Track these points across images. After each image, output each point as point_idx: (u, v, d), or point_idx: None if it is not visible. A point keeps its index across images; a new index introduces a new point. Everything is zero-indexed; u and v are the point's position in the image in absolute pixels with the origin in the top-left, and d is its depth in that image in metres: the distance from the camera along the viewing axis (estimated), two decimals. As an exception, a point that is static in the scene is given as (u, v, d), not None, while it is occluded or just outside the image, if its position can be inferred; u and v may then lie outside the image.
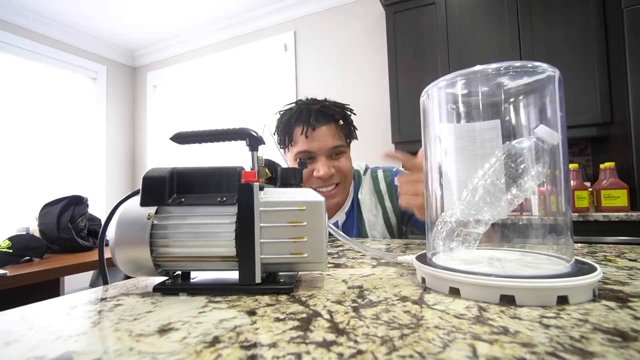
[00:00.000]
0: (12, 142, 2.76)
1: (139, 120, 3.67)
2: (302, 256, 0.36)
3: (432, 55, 2.06)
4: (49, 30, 2.98)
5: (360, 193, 0.97)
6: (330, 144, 0.86)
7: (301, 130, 0.85)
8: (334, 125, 0.88)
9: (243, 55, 3.04)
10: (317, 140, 0.85)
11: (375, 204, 0.95)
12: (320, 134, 0.85)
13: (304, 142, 0.86)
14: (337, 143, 0.87)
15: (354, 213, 0.95)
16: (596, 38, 1.72)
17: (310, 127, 0.84)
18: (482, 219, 0.38)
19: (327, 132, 0.86)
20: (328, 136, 0.86)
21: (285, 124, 0.90)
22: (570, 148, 2.00)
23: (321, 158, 0.86)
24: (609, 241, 1.43)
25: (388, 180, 0.96)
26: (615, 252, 0.53)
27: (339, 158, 0.89)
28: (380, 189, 0.96)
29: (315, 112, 0.86)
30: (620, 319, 0.25)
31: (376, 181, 0.98)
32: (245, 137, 0.40)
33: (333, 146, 0.86)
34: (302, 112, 0.87)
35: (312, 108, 0.87)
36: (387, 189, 0.96)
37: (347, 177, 0.91)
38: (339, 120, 0.88)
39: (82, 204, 1.60)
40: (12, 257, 1.25)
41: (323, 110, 0.88)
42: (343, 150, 0.90)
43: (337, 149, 0.88)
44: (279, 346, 0.22)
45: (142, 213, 0.37)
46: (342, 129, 0.90)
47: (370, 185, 0.98)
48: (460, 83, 0.39)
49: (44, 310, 0.32)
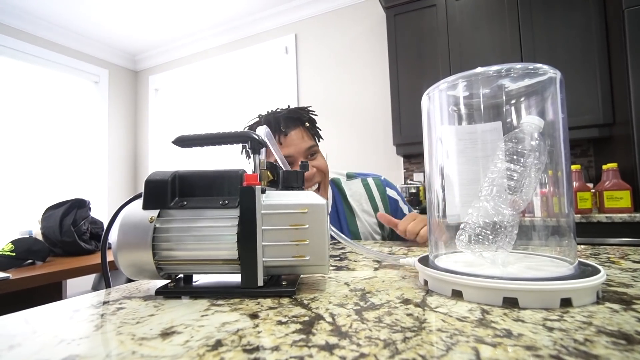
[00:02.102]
0: (15, 145, 2.78)
1: (141, 123, 3.69)
2: (304, 259, 0.36)
3: (433, 57, 2.06)
4: (51, 34, 3.00)
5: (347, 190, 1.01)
6: (304, 146, 0.89)
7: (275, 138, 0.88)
8: (302, 128, 0.92)
9: (244, 59, 3.05)
10: (292, 145, 0.88)
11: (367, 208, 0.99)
12: (293, 138, 0.89)
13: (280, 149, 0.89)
14: (310, 143, 0.91)
15: (339, 217, 0.98)
16: (597, 39, 1.72)
17: (283, 133, 0.88)
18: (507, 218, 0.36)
19: (298, 135, 0.90)
20: (300, 139, 0.89)
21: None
22: (572, 149, 2.00)
23: (300, 160, 0.88)
24: (612, 243, 1.42)
25: (381, 189, 1.01)
26: (618, 254, 0.52)
27: (315, 157, 0.93)
28: (374, 195, 1.00)
29: (284, 119, 0.90)
30: (625, 322, 0.25)
31: (368, 187, 1.02)
32: (247, 141, 0.40)
33: (307, 147, 0.90)
34: (271, 122, 0.90)
35: (279, 116, 0.90)
36: (380, 196, 1.00)
37: (326, 176, 0.95)
38: (305, 122, 0.92)
39: (85, 207, 1.60)
40: (15, 261, 1.26)
41: (289, 115, 0.91)
42: (316, 150, 0.94)
43: (311, 149, 0.91)
44: (281, 349, 0.22)
45: (144, 216, 0.37)
46: (309, 130, 0.94)
47: (360, 188, 1.02)
48: (461, 85, 0.39)
49: (47, 313, 0.32)
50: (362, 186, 1.02)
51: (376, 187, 1.01)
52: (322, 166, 0.92)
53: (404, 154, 2.29)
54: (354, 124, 2.52)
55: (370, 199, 0.99)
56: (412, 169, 2.39)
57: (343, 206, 0.99)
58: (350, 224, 0.98)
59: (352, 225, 0.98)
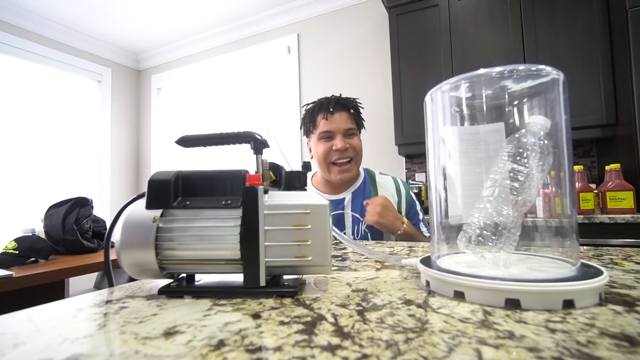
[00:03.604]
0: (18, 144, 2.79)
1: (144, 122, 3.70)
2: (307, 259, 0.36)
3: (436, 58, 2.05)
4: (54, 33, 3.01)
5: (379, 178, 1.15)
6: (345, 126, 1.06)
7: (322, 115, 1.07)
8: (347, 113, 1.08)
9: (247, 58, 3.05)
10: (334, 123, 1.06)
11: (393, 197, 1.11)
12: (337, 118, 1.06)
13: (325, 124, 1.06)
14: (350, 126, 1.08)
15: (364, 194, 1.11)
16: (600, 39, 1.71)
17: (329, 112, 1.06)
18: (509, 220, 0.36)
19: (342, 117, 1.07)
20: (343, 120, 1.07)
21: (310, 113, 1.12)
22: (575, 150, 1.99)
23: (338, 136, 1.06)
24: (615, 244, 1.41)
25: (407, 188, 1.15)
26: (621, 255, 0.52)
27: (352, 138, 1.08)
28: (401, 190, 1.13)
29: (333, 102, 1.08)
30: (628, 324, 0.25)
31: (396, 183, 1.15)
32: (249, 141, 0.40)
33: (347, 128, 1.07)
34: (323, 103, 1.09)
35: (330, 99, 1.10)
36: (405, 193, 1.13)
37: (358, 155, 1.09)
38: (350, 110, 1.09)
39: (87, 205, 1.61)
40: (18, 259, 1.26)
41: (338, 101, 1.09)
42: (355, 133, 1.10)
43: (351, 131, 1.08)
44: (284, 350, 0.22)
45: (147, 216, 0.37)
46: (353, 116, 1.10)
47: (391, 182, 1.15)
48: (464, 86, 0.39)
49: (51, 312, 0.32)
50: (392, 181, 1.15)
51: (403, 186, 1.15)
52: (357, 146, 1.08)
53: (405, 154, 2.29)
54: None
55: (397, 192, 1.12)
56: (414, 169, 2.39)
57: (370, 188, 1.13)
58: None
59: None
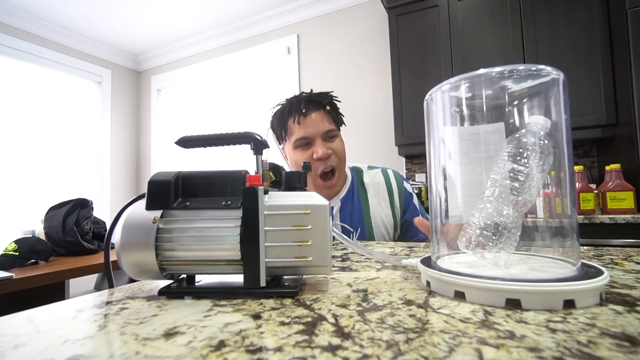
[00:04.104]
0: (17, 145, 2.79)
1: (144, 123, 3.70)
2: (307, 260, 0.36)
3: (435, 58, 2.06)
4: (54, 34, 3.01)
5: (366, 178, 1.02)
6: (323, 128, 0.91)
7: (294, 119, 0.91)
8: (323, 111, 0.93)
9: (246, 59, 3.06)
10: (310, 126, 0.90)
11: (384, 196, 1.00)
12: (312, 119, 0.91)
13: (299, 129, 0.91)
14: (329, 127, 0.93)
15: (353, 200, 1.00)
16: (600, 39, 1.71)
17: (302, 114, 0.90)
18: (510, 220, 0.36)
19: (318, 117, 0.92)
20: (319, 121, 0.91)
21: (279, 117, 0.96)
22: (575, 150, 1.99)
23: (317, 141, 0.91)
24: (615, 244, 1.41)
25: (399, 181, 1.03)
26: (622, 255, 0.52)
27: (333, 141, 0.94)
28: (392, 185, 1.01)
29: (304, 101, 0.92)
30: (629, 324, 0.25)
31: (387, 176, 1.03)
32: (249, 141, 0.40)
33: (326, 130, 0.92)
34: (293, 104, 0.93)
35: (301, 98, 0.94)
36: (397, 188, 1.01)
37: (342, 161, 0.96)
38: (326, 106, 0.94)
39: (87, 207, 1.61)
40: (18, 260, 1.26)
41: (310, 98, 0.94)
42: (336, 134, 0.95)
43: (330, 133, 0.93)
44: (284, 350, 0.22)
45: (147, 217, 0.37)
46: (330, 114, 0.95)
47: (381, 178, 1.03)
48: (464, 86, 0.39)
49: (51, 313, 0.32)
50: (381, 176, 1.03)
51: (394, 178, 1.03)
52: (339, 150, 0.94)
53: (406, 154, 2.29)
54: (356, 124, 2.52)
55: (388, 188, 1.01)
56: (414, 169, 2.39)
57: (359, 193, 1.01)
58: (363, 208, 1.00)
59: (365, 208, 0.99)
